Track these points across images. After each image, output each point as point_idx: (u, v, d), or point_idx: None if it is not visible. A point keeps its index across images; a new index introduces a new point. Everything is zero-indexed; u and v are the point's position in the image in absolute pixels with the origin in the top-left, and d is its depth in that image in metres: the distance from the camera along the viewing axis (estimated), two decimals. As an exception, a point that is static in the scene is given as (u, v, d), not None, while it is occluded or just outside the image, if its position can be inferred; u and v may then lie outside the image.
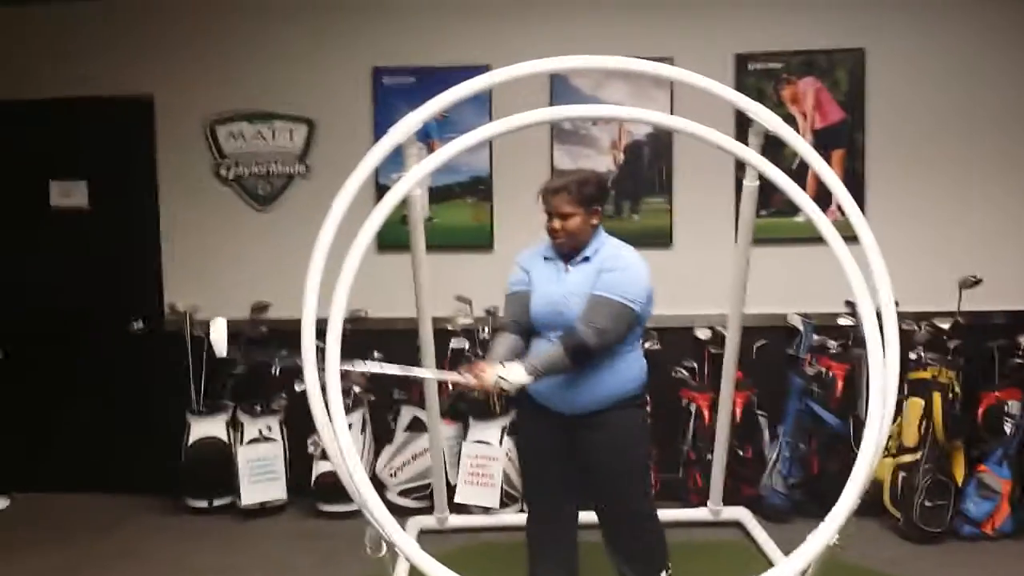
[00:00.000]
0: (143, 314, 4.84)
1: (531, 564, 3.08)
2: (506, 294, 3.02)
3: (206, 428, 4.60)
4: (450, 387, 4.29)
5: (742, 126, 3.23)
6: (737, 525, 4.20)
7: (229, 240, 4.87)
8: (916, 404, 4.10)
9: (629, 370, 2.90)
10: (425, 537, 4.09)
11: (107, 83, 4.78)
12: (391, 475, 4.52)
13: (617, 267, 2.86)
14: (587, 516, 3.02)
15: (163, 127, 4.86)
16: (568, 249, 2.94)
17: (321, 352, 2.48)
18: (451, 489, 4.31)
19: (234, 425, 4.63)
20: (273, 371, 4.59)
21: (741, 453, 4.35)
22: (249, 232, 4.86)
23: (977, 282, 4.32)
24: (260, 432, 4.57)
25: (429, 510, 4.29)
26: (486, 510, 4.32)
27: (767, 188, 3.11)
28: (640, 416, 3.00)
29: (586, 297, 2.81)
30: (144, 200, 4.86)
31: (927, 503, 3.98)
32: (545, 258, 2.99)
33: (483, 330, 4.52)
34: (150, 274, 4.88)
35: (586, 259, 2.91)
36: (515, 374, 2.73)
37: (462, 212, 4.78)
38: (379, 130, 2.78)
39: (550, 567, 3.02)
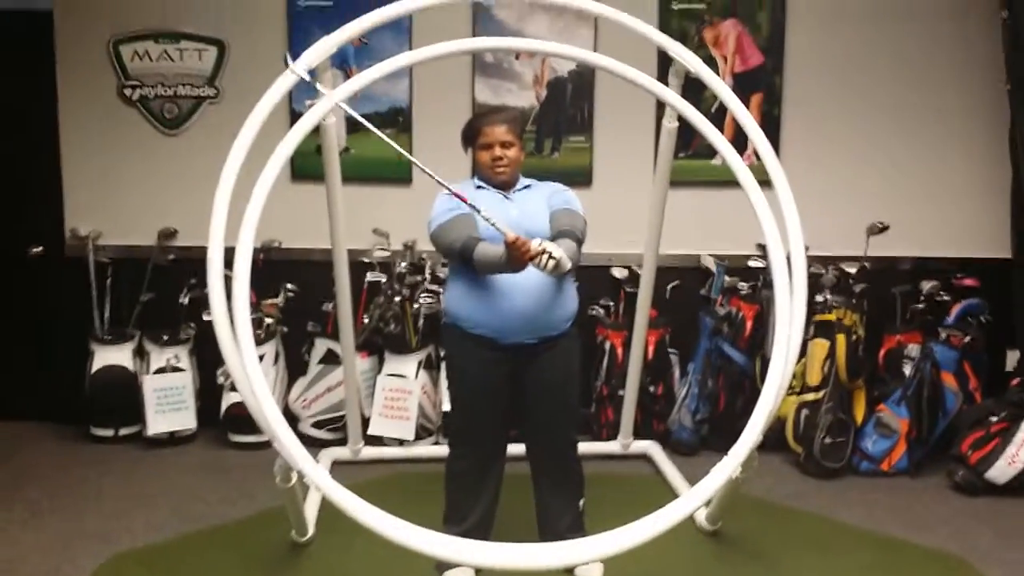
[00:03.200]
0: (43, 239, 4.62)
1: (451, 505, 3.04)
2: (449, 217, 2.84)
3: (111, 356, 4.47)
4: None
5: (664, 67, 3.22)
6: (646, 459, 4.29)
7: (135, 164, 4.67)
8: (821, 345, 4.23)
9: (573, 288, 3.00)
10: (338, 468, 4.09)
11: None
12: (304, 407, 4.48)
13: (565, 190, 3.04)
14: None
15: (63, 44, 4.59)
16: (505, 179, 2.95)
17: (230, 281, 2.41)
18: (365, 422, 4.29)
19: (140, 354, 4.53)
20: (181, 300, 4.49)
21: (652, 389, 4.44)
22: (156, 156, 4.66)
23: (884, 228, 4.44)
24: (168, 361, 4.46)
25: (343, 442, 4.27)
26: (400, 442, 4.33)
27: (687, 131, 3.12)
28: (579, 342, 3.07)
29: (548, 215, 2.90)
30: (43, 120, 4.61)
31: (828, 440, 4.13)
32: (477, 187, 2.99)
33: (400, 263, 4.47)
34: (50, 198, 4.66)
35: (526, 187, 3.01)
36: (557, 249, 2.60)
37: (380, 144, 4.64)
38: (293, 55, 2.67)
39: (472, 509, 2.97)
